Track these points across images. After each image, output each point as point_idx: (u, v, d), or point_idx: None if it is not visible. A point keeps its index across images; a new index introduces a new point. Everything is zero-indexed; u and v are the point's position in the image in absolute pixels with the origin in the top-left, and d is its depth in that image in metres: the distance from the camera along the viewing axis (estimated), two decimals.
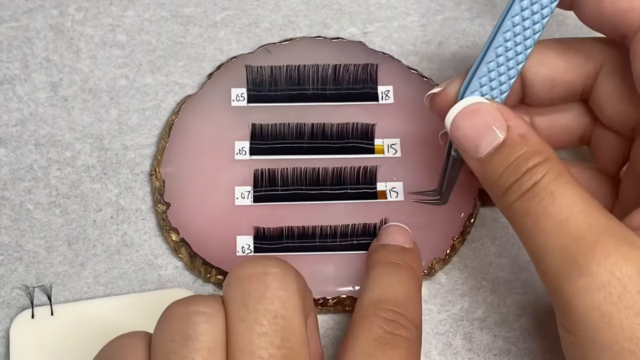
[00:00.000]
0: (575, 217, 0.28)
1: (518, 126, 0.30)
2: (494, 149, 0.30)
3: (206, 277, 0.37)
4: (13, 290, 0.37)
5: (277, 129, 0.39)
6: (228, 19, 0.43)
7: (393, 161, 0.39)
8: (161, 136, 0.40)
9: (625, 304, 0.27)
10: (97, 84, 0.41)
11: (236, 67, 0.41)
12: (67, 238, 0.38)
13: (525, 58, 0.31)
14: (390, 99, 0.40)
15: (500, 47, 0.31)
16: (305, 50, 0.41)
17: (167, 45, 0.42)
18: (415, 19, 0.43)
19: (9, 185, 0.39)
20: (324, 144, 0.39)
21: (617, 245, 0.28)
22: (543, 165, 0.29)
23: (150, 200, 0.39)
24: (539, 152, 0.30)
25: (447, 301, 0.37)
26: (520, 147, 0.30)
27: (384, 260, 0.34)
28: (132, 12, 0.43)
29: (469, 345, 0.36)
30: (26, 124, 0.40)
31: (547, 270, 0.29)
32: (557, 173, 0.29)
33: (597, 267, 0.27)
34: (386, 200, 0.38)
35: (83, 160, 0.39)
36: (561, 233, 0.28)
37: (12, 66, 0.42)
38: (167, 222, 0.37)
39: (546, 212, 0.29)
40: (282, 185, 0.38)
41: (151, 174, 0.39)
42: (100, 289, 0.37)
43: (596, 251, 0.28)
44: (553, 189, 0.29)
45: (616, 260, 0.27)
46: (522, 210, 0.30)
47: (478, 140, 0.31)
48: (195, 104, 0.40)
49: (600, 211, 0.29)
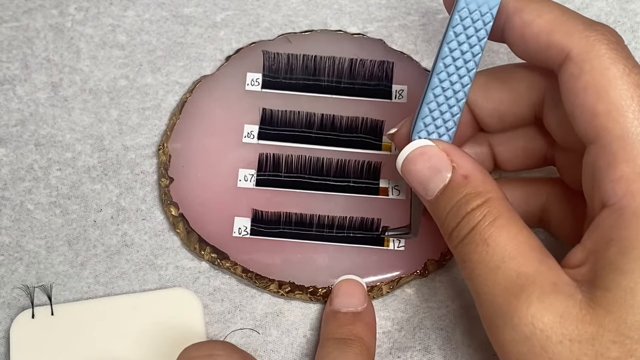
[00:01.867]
0: (506, 265, 0.29)
1: (462, 166, 0.31)
2: (440, 191, 0.31)
3: (200, 254, 0.37)
4: (13, 290, 0.37)
5: (287, 116, 0.39)
6: (228, 19, 0.43)
7: None
8: (173, 112, 0.40)
9: (549, 355, 0.27)
10: (98, 84, 0.41)
11: (254, 52, 0.41)
12: (67, 238, 0.38)
13: (465, 95, 0.32)
14: (403, 98, 0.40)
15: (437, 88, 0.31)
16: (325, 42, 0.41)
17: (167, 45, 0.42)
18: (415, 18, 0.43)
19: (9, 185, 0.39)
20: (332, 136, 0.39)
21: (542, 295, 0.28)
22: (481, 208, 0.30)
23: (151, 201, 0.39)
24: (478, 195, 0.30)
25: (447, 297, 0.37)
26: (462, 189, 0.30)
27: (334, 335, 0.34)
28: (132, 12, 0.43)
29: (468, 341, 0.36)
30: (26, 124, 0.40)
31: (483, 318, 0.30)
32: (495, 215, 0.29)
33: (518, 320, 0.28)
34: (387, 197, 0.38)
35: (83, 161, 0.39)
36: (492, 282, 0.29)
37: (12, 66, 0.42)
38: (168, 196, 0.38)
39: (479, 260, 0.29)
40: (285, 172, 0.38)
41: (159, 149, 0.39)
42: (100, 289, 0.37)
43: (519, 302, 0.28)
44: (487, 235, 0.29)
45: (538, 312, 0.27)
46: (462, 257, 0.30)
47: (425, 182, 0.31)
48: (210, 85, 0.40)
49: (534, 254, 0.29)
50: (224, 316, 0.37)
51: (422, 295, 0.37)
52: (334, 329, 0.35)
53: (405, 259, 0.37)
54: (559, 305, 0.28)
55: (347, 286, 0.36)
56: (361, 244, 0.37)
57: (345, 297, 0.35)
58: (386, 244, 0.37)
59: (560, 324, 0.27)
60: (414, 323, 0.37)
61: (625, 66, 0.29)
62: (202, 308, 0.36)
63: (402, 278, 0.37)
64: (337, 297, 0.36)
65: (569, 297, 0.28)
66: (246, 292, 0.37)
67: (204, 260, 0.37)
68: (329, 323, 0.35)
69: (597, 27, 0.30)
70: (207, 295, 0.37)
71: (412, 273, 0.37)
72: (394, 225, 0.37)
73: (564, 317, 0.27)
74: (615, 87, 0.28)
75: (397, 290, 0.37)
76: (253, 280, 0.37)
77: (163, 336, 0.35)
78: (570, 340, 0.27)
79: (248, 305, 0.37)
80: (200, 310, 0.36)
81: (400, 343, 0.36)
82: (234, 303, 0.37)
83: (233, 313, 0.37)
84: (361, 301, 0.35)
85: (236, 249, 0.37)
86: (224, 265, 0.37)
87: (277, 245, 0.37)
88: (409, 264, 0.37)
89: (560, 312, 0.27)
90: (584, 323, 0.27)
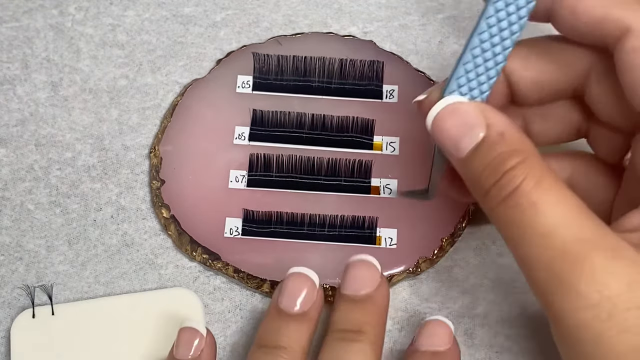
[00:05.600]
0: (561, 230, 0.28)
1: (497, 124, 0.30)
2: (473, 148, 0.30)
3: (192, 255, 0.37)
4: (14, 290, 0.37)
5: (277, 117, 0.39)
6: (228, 18, 0.43)
7: (390, 159, 0.39)
8: (164, 116, 0.40)
9: (615, 322, 0.27)
10: (98, 84, 0.41)
11: (245, 55, 0.41)
12: (67, 238, 0.38)
13: (504, 58, 0.31)
14: (394, 98, 0.40)
15: (477, 49, 0.31)
16: (315, 44, 0.42)
17: (167, 45, 0.42)
18: (415, 18, 0.43)
19: (9, 185, 0.39)
20: (323, 136, 0.39)
21: (605, 261, 0.27)
22: (521, 166, 0.29)
23: (151, 200, 0.39)
24: (517, 152, 0.29)
25: (448, 298, 0.37)
26: (498, 146, 0.29)
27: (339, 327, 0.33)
28: (132, 11, 0.43)
29: (470, 342, 0.36)
30: (26, 124, 0.40)
31: (536, 284, 0.29)
32: (538, 177, 0.28)
33: (585, 287, 0.27)
34: (379, 196, 0.38)
35: (83, 161, 0.39)
36: (547, 247, 0.28)
37: (12, 66, 0.42)
38: (159, 198, 0.38)
39: (530, 224, 0.28)
40: (276, 172, 0.38)
41: (150, 151, 0.39)
42: (100, 289, 0.37)
43: (584, 269, 0.27)
44: (535, 198, 0.28)
45: (604, 278, 0.27)
46: (506, 219, 0.29)
47: (458, 139, 0.30)
48: (202, 88, 0.40)
49: (588, 219, 0.28)
50: (224, 315, 0.37)
51: (423, 295, 0.37)
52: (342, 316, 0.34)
53: (397, 257, 0.37)
54: (624, 271, 0.27)
55: (357, 270, 0.34)
56: (353, 242, 0.37)
57: (357, 282, 0.34)
58: (378, 243, 0.37)
59: (627, 291, 0.27)
60: (415, 323, 0.37)
61: None
62: (202, 307, 0.36)
63: (395, 276, 0.37)
64: (348, 282, 0.34)
65: (633, 262, 0.27)
66: (247, 291, 0.37)
67: (195, 261, 0.37)
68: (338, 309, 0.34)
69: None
70: (208, 294, 0.37)
71: (405, 271, 0.37)
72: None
73: (631, 284, 0.27)
74: None
75: (393, 287, 0.37)
76: (245, 281, 0.37)
77: (163, 336, 0.35)
78: (638, 307, 0.27)
79: (248, 304, 0.37)
80: (201, 310, 0.36)
81: (401, 344, 0.36)
82: (234, 302, 0.37)
83: (233, 312, 0.37)
84: (374, 281, 0.34)
85: (228, 249, 0.37)
86: (216, 266, 0.37)
87: (269, 245, 0.37)
88: (401, 262, 0.37)
89: (626, 278, 0.27)
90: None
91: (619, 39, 0.29)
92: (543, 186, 0.28)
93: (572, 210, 0.28)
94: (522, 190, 0.28)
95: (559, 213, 0.28)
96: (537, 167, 0.29)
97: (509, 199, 0.28)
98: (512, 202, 0.28)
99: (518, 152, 0.29)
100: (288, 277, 0.34)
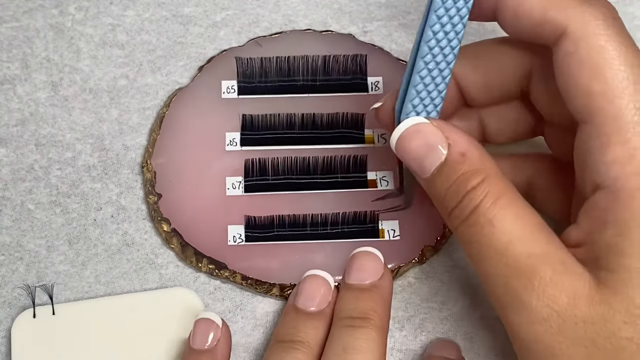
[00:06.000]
0: (515, 246, 0.28)
1: (458, 143, 0.30)
2: (436, 169, 0.30)
3: (197, 267, 0.37)
4: (14, 290, 0.37)
5: (267, 120, 0.39)
6: (228, 18, 0.43)
7: (384, 150, 0.39)
8: (152, 128, 0.40)
9: (565, 335, 0.28)
10: (98, 84, 0.41)
11: (226, 60, 0.41)
12: (68, 237, 0.38)
13: (450, 72, 0.31)
14: (380, 89, 0.40)
15: (423, 70, 0.31)
16: (295, 43, 0.42)
17: (168, 45, 0.42)
18: (415, 17, 0.43)
19: (9, 185, 0.39)
20: (314, 134, 0.39)
21: (555, 275, 0.28)
22: (481, 186, 0.29)
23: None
24: (477, 172, 0.30)
25: (448, 298, 0.37)
26: (459, 167, 0.30)
27: (346, 315, 0.34)
28: (132, 11, 0.43)
29: (469, 345, 0.36)
30: (27, 124, 0.40)
31: (495, 300, 0.29)
32: (497, 195, 0.29)
33: (536, 301, 0.28)
34: (376, 189, 0.38)
35: (84, 160, 0.39)
36: (502, 264, 0.29)
37: (12, 66, 0.42)
38: (158, 212, 0.38)
39: (487, 242, 0.29)
40: (272, 175, 0.38)
41: (142, 166, 0.39)
42: (101, 289, 0.37)
43: (534, 284, 0.28)
44: (491, 215, 0.29)
45: (553, 293, 0.28)
46: (467, 237, 0.30)
47: (421, 160, 0.31)
48: (186, 97, 0.40)
49: (541, 234, 0.29)
50: (224, 315, 0.37)
51: (423, 295, 0.37)
52: (347, 303, 0.34)
53: (402, 248, 0.37)
54: (571, 285, 0.28)
55: (361, 260, 0.35)
56: (356, 238, 0.37)
57: (360, 272, 0.35)
58: (381, 235, 0.37)
59: (573, 305, 0.27)
60: (415, 323, 0.37)
61: (622, 44, 0.28)
62: (203, 307, 0.36)
63: (402, 267, 0.37)
64: (352, 273, 0.35)
65: (579, 276, 0.28)
66: (247, 291, 0.37)
67: (201, 272, 0.37)
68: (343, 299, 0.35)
69: (593, 2, 0.29)
70: (208, 294, 0.37)
71: (410, 261, 0.37)
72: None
73: (576, 297, 0.28)
74: (611, 67, 0.28)
75: (399, 280, 0.37)
76: (254, 287, 0.37)
77: (164, 336, 0.35)
78: (584, 321, 0.27)
79: (249, 304, 0.37)
80: (201, 310, 0.36)
81: (401, 344, 0.36)
82: (234, 302, 0.37)
83: (234, 312, 0.37)
84: (378, 270, 0.35)
85: (233, 257, 0.37)
86: (223, 275, 0.37)
87: (274, 249, 0.37)
88: (406, 252, 0.37)
89: (572, 292, 0.28)
90: (594, 303, 0.27)
91: (556, 40, 0.30)
92: (500, 204, 0.29)
93: (527, 226, 0.29)
94: (481, 208, 0.29)
95: (514, 229, 0.29)
96: (496, 185, 0.29)
97: (469, 219, 0.29)
98: (472, 220, 0.29)
99: (478, 172, 0.30)
100: (305, 279, 0.35)
